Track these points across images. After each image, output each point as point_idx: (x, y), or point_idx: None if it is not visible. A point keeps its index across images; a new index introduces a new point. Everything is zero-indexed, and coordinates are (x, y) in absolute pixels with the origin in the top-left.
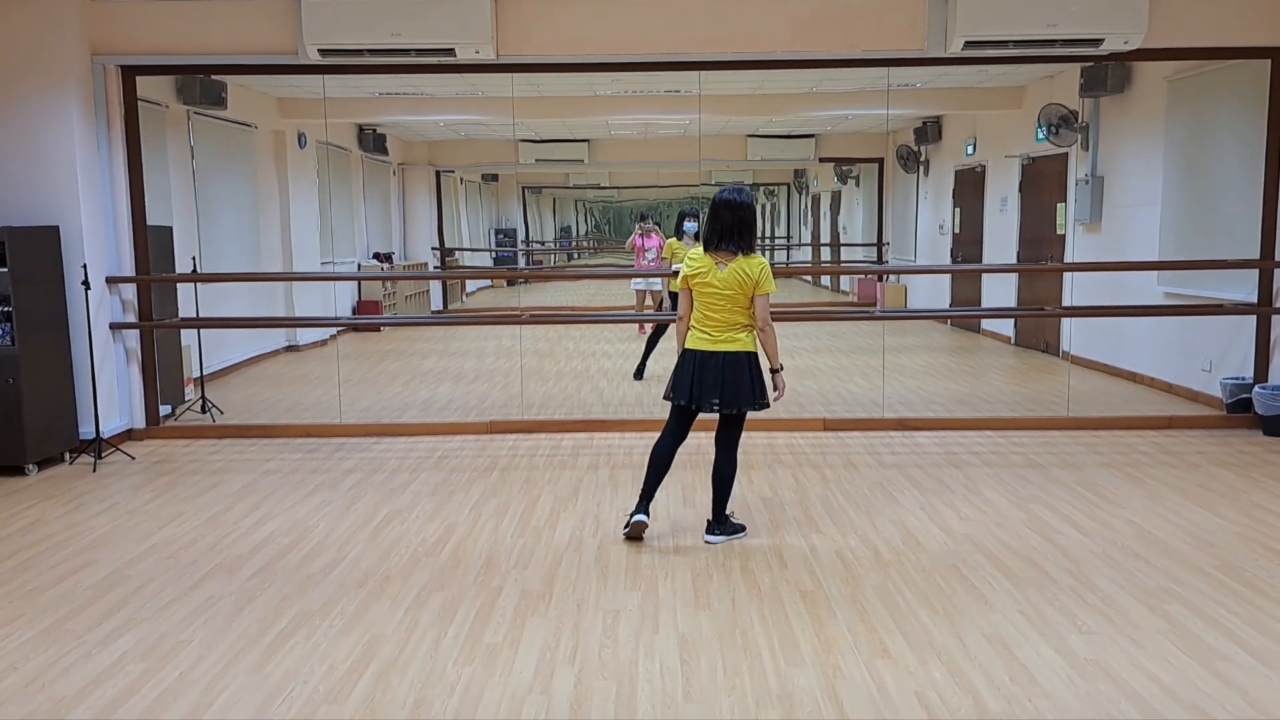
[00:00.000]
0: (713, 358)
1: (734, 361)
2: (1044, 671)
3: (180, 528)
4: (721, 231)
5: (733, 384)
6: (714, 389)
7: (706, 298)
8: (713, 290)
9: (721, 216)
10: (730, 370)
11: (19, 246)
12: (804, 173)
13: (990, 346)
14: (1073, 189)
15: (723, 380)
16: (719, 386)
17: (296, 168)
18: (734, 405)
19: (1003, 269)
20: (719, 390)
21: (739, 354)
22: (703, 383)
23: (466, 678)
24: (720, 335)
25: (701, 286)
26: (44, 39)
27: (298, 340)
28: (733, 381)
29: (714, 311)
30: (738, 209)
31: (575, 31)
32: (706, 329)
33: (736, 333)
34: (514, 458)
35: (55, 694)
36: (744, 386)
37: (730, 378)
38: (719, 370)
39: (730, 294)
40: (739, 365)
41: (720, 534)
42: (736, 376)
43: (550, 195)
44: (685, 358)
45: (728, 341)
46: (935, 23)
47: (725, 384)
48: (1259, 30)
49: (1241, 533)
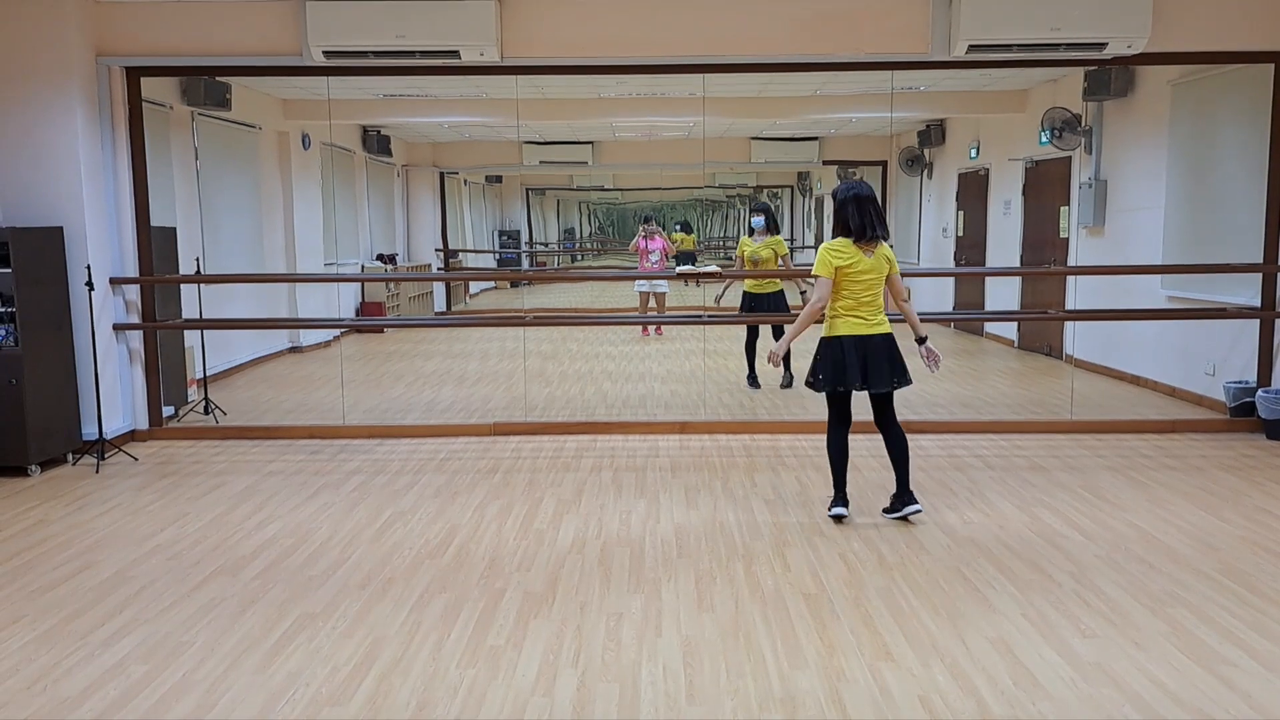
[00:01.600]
0: (872, 340)
1: (890, 342)
2: (1047, 674)
3: (183, 529)
4: (873, 221)
5: (897, 361)
6: (883, 368)
7: (859, 285)
8: (867, 277)
9: (868, 209)
10: (893, 349)
11: (23, 247)
12: (807, 175)
13: (993, 349)
14: (1076, 192)
15: (890, 358)
16: (888, 365)
17: (300, 169)
18: (903, 379)
19: (1006, 272)
20: (888, 368)
21: (890, 335)
22: (871, 364)
23: (469, 680)
24: (875, 319)
25: (855, 275)
26: (49, 40)
27: (301, 341)
28: (896, 359)
29: (867, 297)
30: (874, 201)
31: (580, 33)
32: (861, 314)
33: (883, 315)
34: (517, 460)
35: (58, 695)
36: (899, 362)
37: (894, 355)
38: (882, 350)
39: (878, 278)
40: (893, 344)
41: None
42: (894, 354)
43: (554, 197)
44: (845, 344)
45: (881, 324)
46: (939, 26)
47: (892, 361)
48: (1262, 35)
49: (1244, 536)
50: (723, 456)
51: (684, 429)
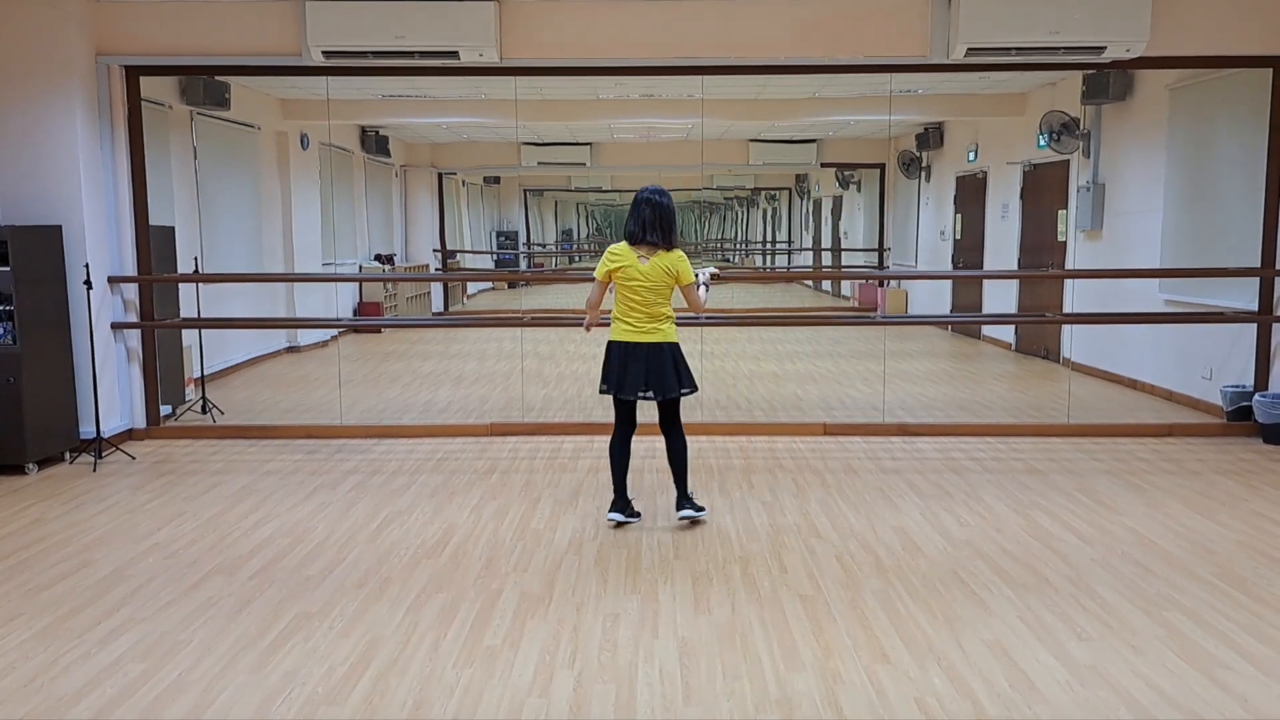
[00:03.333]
0: (637, 349)
1: (658, 351)
2: (1043, 678)
3: (180, 528)
4: (644, 225)
5: (659, 373)
6: (640, 379)
7: (629, 290)
8: (636, 282)
9: (642, 212)
10: (655, 360)
11: (22, 245)
12: (805, 177)
13: (991, 353)
14: (1074, 196)
15: (648, 370)
16: (645, 376)
17: (299, 169)
18: (661, 393)
19: (1004, 275)
20: (644, 379)
21: (662, 344)
22: (629, 373)
23: (466, 680)
24: (644, 326)
25: (625, 280)
26: (49, 39)
27: (298, 341)
28: (658, 370)
29: (637, 303)
30: (657, 206)
31: (579, 35)
32: (630, 320)
33: (659, 324)
34: (514, 460)
35: (54, 693)
36: (669, 374)
37: (656, 366)
38: (644, 360)
39: (652, 285)
40: (663, 354)
41: (691, 508)
42: (661, 365)
43: (552, 198)
44: (612, 350)
45: (651, 332)
46: (938, 29)
47: (650, 373)
48: (1260, 39)
49: (1241, 540)
50: (719, 458)
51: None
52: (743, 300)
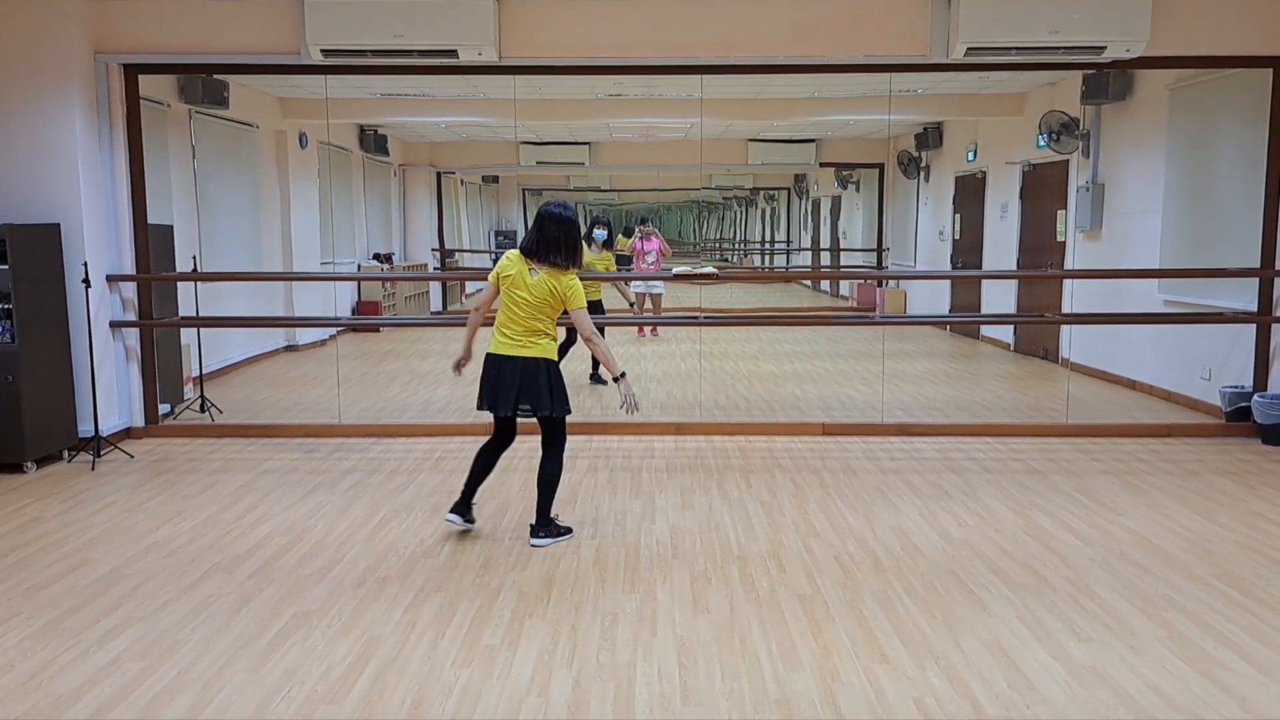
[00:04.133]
0: (511, 362)
1: (532, 367)
2: (1042, 678)
3: (179, 527)
4: (546, 244)
5: (531, 388)
6: (511, 393)
7: (512, 301)
8: (520, 295)
9: (547, 229)
10: (529, 375)
11: (20, 244)
12: (804, 177)
13: (989, 353)
14: (1073, 196)
15: (521, 384)
16: (516, 391)
17: (297, 168)
18: (531, 410)
19: (1003, 275)
20: (515, 394)
21: (538, 359)
22: (501, 387)
23: (464, 679)
24: (521, 340)
25: (510, 288)
26: (47, 37)
27: (297, 340)
28: (531, 386)
29: (517, 315)
30: (564, 224)
31: (578, 34)
32: (507, 333)
33: (536, 339)
34: (512, 460)
35: (53, 692)
36: (541, 392)
37: (529, 381)
38: (517, 375)
39: (536, 301)
40: (537, 370)
41: (545, 536)
42: (535, 381)
43: (550, 196)
44: (487, 362)
45: (526, 346)
46: (938, 29)
47: (524, 388)
48: (1260, 39)
49: (1240, 541)
50: (718, 458)
51: (679, 430)
52: (741, 300)
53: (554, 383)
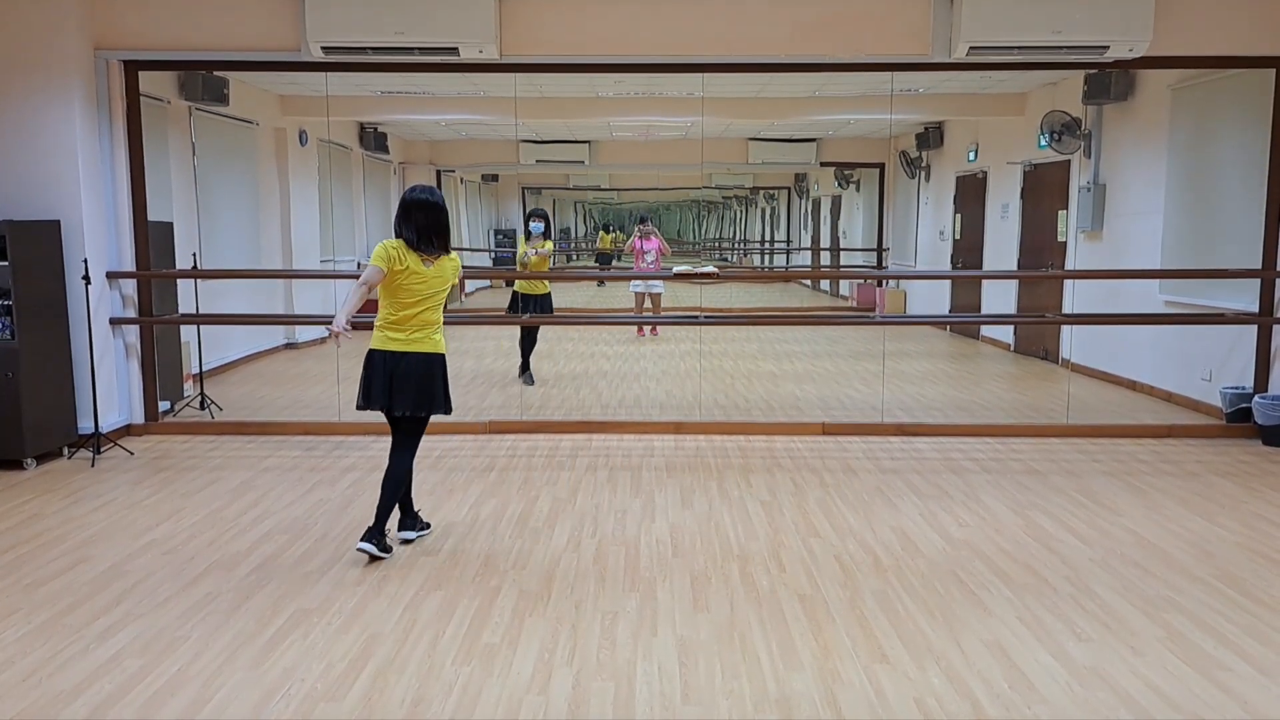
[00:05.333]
0: (406, 358)
1: (429, 363)
2: (1042, 678)
3: (178, 524)
4: (419, 233)
5: (429, 387)
6: (408, 392)
7: (405, 293)
8: (415, 286)
9: (415, 218)
10: (426, 371)
11: (20, 240)
12: (805, 177)
13: (990, 353)
14: (1074, 196)
15: (419, 383)
16: (414, 389)
17: (297, 165)
18: (428, 409)
19: (1003, 276)
20: (414, 393)
21: (433, 355)
22: (396, 385)
23: (464, 677)
24: (416, 334)
25: (406, 280)
26: (47, 33)
27: (296, 338)
28: (429, 385)
29: (412, 308)
30: (432, 209)
31: (579, 32)
32: (402, 328)
33: (432, 332)
34: (512, 458)
35: (52, 689)
36: (439, 390)
37: (427, 380)
38: (414, 371)
39: (433, 293)
40: (434, 366)
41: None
42: (432, 379)
43: (550, 196)
44: (374, 359)
45: (422, 341)
46: (940, 28)
47: (422, 387)
48: (1263, 40)
49: (1240, 542)
50: (718, 457)
51: (679, 429)
52: (741, 300)
53: (445, 379)
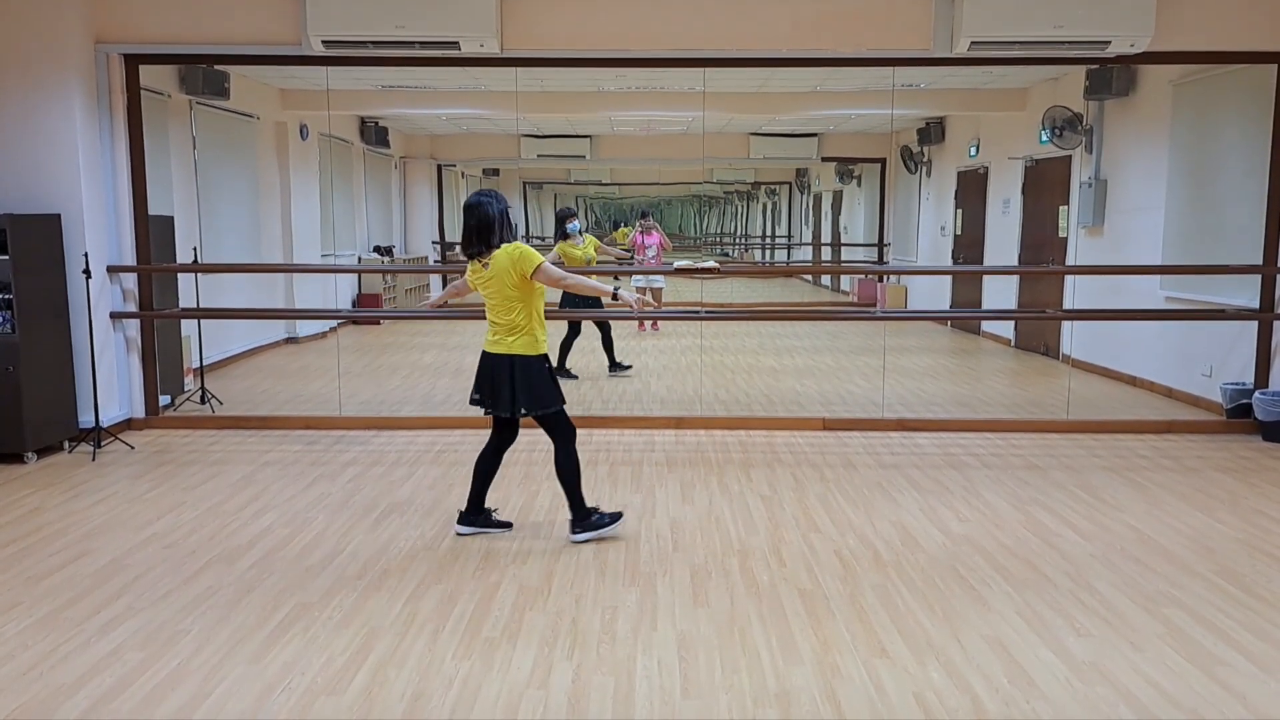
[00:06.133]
0: (488, 359)
1: (505, 364)
2: (1042, 674)
3: (179, 518)
4: (464, 237)
5: (498, 386)
6: (501, 391)
7: (486, 299)
8: (486, 291)
9: (464, 223)
10: (502, 373)
11: (20, 234)
12: (806, 172)
13: (990, 349)
14: (1076, 192)
15: (494, 383)
16: (504, 388)
17: (298, 159)
18: (510, 409)
19: (1004, 271)
20: (505, 392)
21: (505, 356)
22: (483, 384)
23: (464, 671)
24: (494, 337)
25: (479, 288)
26: (47, 27)
27: (297, 332)
28: (504, 385)
29: (491, 312)
30: (470, 212)
31: (580, 26)
32: (490, 331)
33: (505, 335)
34: (512, 453)
35: (53, 682)
36: (503, 389)
37: (502, 380)
38: (491, 372)
39: (497, 289)
40: (501, 368)
41: (581, 531)
42: (507, 378)
43: (551, 191)
44: (479, 359)
45: (497, 344)
46: (941, 23)
47: (497, 387)
48: (1265, 35)
49: (1240, 538)
50: (718, 452)
51: (680, 424)
52: (742, 295)
53: (521, 380)
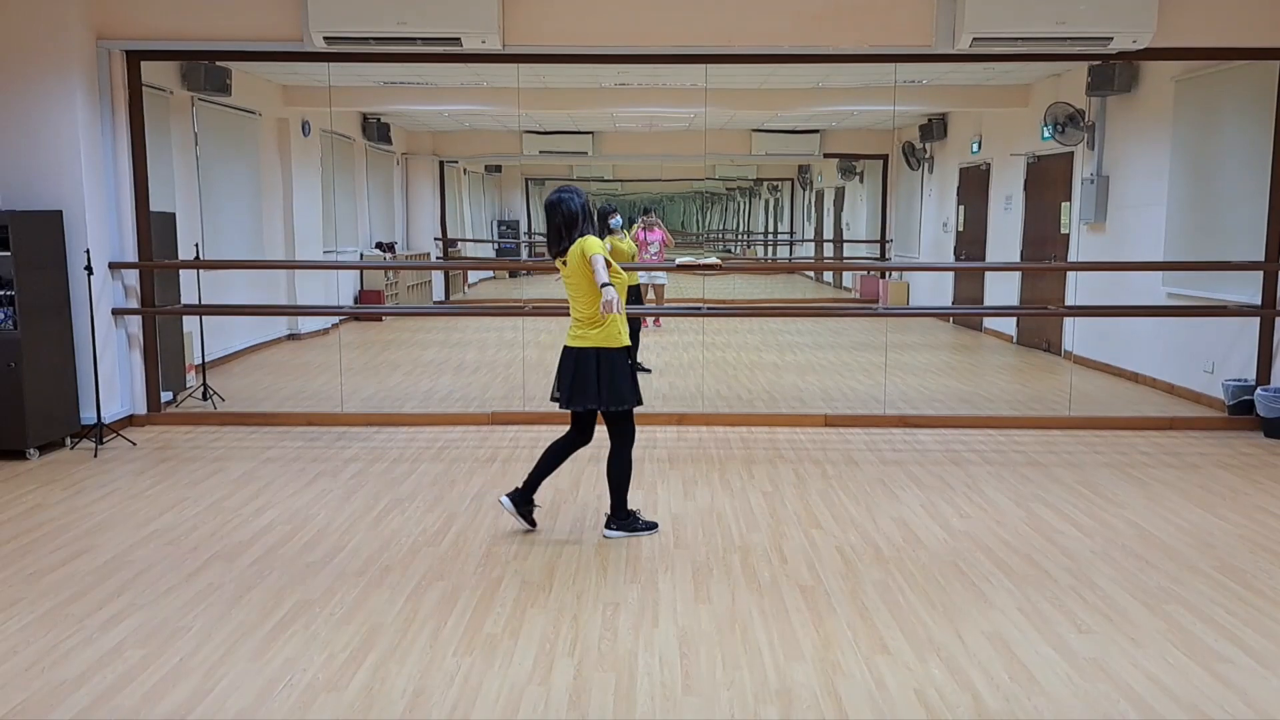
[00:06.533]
0: (570, 355)
1: (584, 357)
2: (1043, 670)
3: (181, 514)
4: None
5: (581, 381)
6: (570, 386)
7: (568, 293)
8: (568, 284)
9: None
10: (587, 366)
11: (22, 231)
12: (808, 168)
13: (992, 345)
14: (1078, 188)
15: (578, 377)
16: (575, 383)
17: (300, 156)
18: (575, 402)
19: (1006, 267)
20: (576, 387)
21: (589, 350)
22: (561, 380)
23: (466, 668)
24: (576, 332)
25: (564, 281)
26: (49, 23)
27: (299, 329)
28: (582, 378)
29: (572, 307)
30: (549, 210)
31: (582, 22)
32: (572, 327)
33: (586, 328)
34: (515, 449)
35: (54, 678)
36: (587, 383)
37: (580, 374)
38: (575, 367)
39: (575, 283)
40: (583, 360)
41: (616, 529)
42: (585, 372)
43: (553, 187)
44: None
45: (580, 338)
46: (944, 19)
47: (581, 381)
48: (1267, 31)
49: (1242, 534)
50: (720, 448)
51: (681, 420)
52: (744, 291)
53: (605, 373)
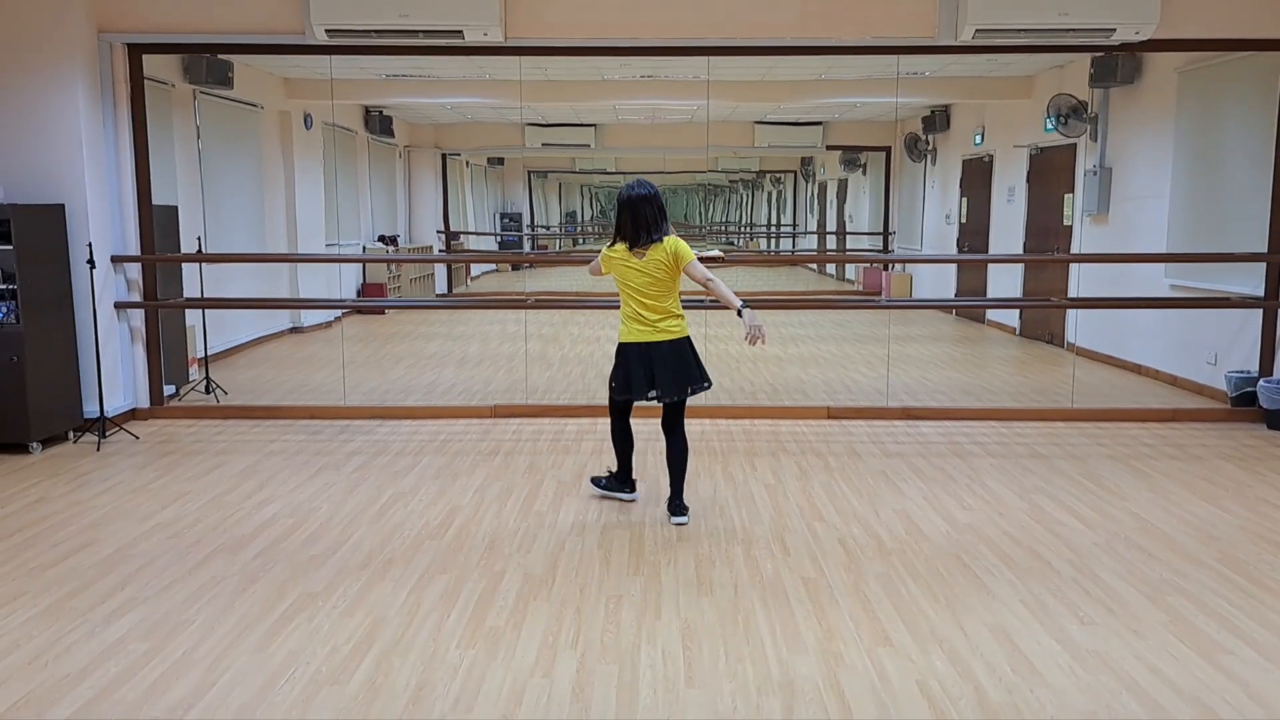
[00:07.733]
0: (646, 349)
1: (677, 348)
2: (1045, 662)
3: (183, 508)
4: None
5: (684, 371)
6: (668, 377)
7: (632, 289)
8: (639, 279)
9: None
10: (680, 355)
11: (24, 224)
12: (811, 160)
13: (995, 337)
14: (1081, 180)
15: (675, 369)
16: (673, 373)
17: (302, 149)
18: (696, 386)
19: (1009, 259)
20: (672, 377)
21: (670, 342)
22: (658, 373)
23: (469, 661)
24: (643, 327)
25: (623, 279)
26: (51, 17)
27: (302, 322)
28: (684, 368)
29: (638, 302)
30: (649, 201)
31: (584, 14)
32: (636, 322)
33: (660, 320)
34: (518, 442)
35: (57, 672)
36: (693, 369)
37: (684, 362)
38: (669, 358)
39: (652, 281)
40: (682, 349)
41: (683, 515)
42: (684, 362)
43: (556, 180)
44: (629, 352)
45: (659, 332)
46: (946, 11)
47: (678, 372)
48: (1270, 23)
49: (1244, 526)
50: (723, 441)
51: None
52: (747, 283)
53: (696, 357)
